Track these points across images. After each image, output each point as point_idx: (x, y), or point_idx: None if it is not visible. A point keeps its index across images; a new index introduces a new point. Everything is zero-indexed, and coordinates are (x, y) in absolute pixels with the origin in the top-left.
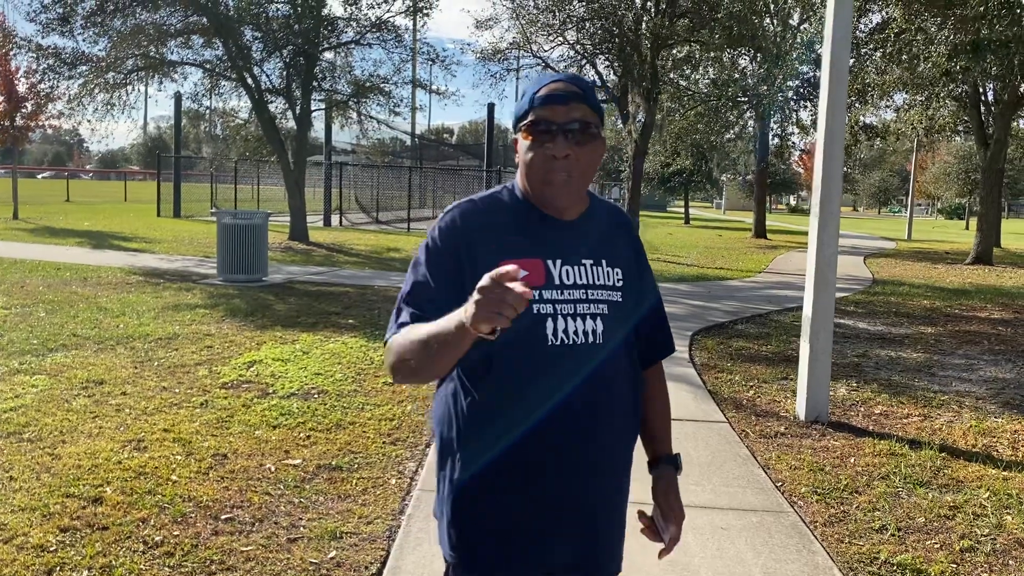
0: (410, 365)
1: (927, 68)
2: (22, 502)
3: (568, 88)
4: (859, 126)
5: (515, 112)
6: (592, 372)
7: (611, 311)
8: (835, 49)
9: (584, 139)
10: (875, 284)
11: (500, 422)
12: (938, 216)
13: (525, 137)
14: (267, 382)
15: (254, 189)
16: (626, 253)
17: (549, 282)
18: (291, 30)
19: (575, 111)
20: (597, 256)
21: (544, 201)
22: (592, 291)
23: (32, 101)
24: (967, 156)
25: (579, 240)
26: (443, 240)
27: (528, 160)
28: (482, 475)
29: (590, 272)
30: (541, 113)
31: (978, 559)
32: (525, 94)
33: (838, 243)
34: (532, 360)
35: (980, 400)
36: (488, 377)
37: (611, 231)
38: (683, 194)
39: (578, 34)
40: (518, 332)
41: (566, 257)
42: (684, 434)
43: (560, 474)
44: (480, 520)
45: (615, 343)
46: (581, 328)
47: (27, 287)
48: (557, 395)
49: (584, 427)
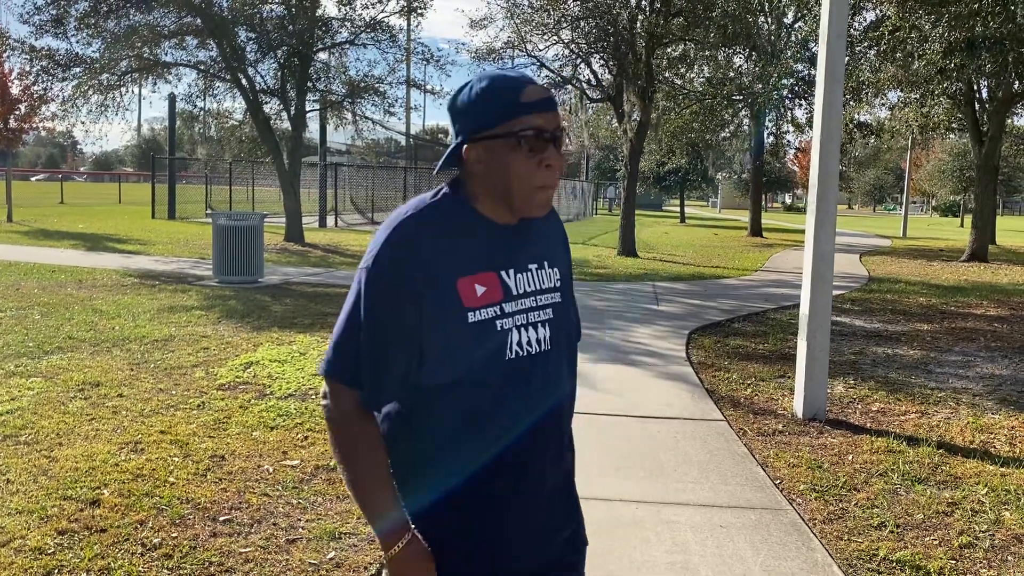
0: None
1: (921, 66)
2: (19, 505)
3: (547, 92)
4: (854, 124)
5: (478, 115)
6: (546, 378)
7: (554, 314)
8: (830, 47)
9: (560, 146)
10: (871, 282)
11: (466, 442)
12: (933, 214)
13: (515, 147)
14: (264, 383)
15: (249, 190)
16: (560, 250)
17: (507, 294)
18: (285, 31)
19: (558, 117)
20: (539, 259)
21: (527, 212)
22: (540, 296)
23: (26, 103)
24: (962, 153)
25: (523, 245)
26: (395, 270)
27: (517, 170)
28: (456, 495)
29: (536, 277)
30: (536, 121)
31: (977, 555)
32: (492, 95)
33: (835, 241)
34: (492, 377)
35: (977, 397)
36: (447, 396)
37: (547, 229)
38: (679, 193)
39: (573, 33)
40: (481, 352)
41: (516, 265)
42: (681, 432)
43: (533, 482)
44: (438, 529)
45: (559, 344)
46: (534, 337)
47: (22, 290)
48: (520, 407)
49: (548, 431)
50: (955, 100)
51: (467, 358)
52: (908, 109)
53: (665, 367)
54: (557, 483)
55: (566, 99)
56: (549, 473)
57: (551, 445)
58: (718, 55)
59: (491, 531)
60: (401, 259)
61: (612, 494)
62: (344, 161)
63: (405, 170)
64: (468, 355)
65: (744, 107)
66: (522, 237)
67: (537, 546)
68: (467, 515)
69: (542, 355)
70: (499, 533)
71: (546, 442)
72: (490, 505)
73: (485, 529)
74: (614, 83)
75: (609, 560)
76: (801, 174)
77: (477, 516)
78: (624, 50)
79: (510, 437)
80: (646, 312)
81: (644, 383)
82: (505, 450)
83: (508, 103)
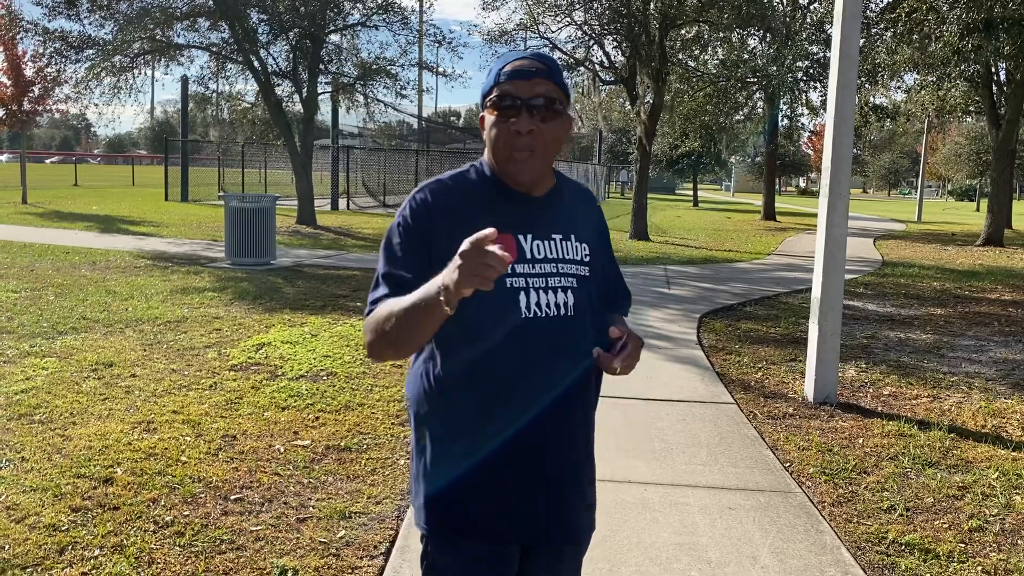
0: (389, 337)
1: (938, 48)
2: (34, 483)
3: (533, 64)
4: (869, 107)
5: (482, 89)
6: (565, 343)
7: (580, 284)
8: (845, 28)
9: (549, 115)
10: (885, 266)
11: (476, 395)
12: (948, 198)
13: (491, 112)
14: (276, 364)
15: (261, 173)
16: (593, 231)
17: (521, 256)
18: (297, 12)
19: (539, 86)
20: (566, 231)
21: (509, 176)
22: (562, 264)
23: (39, 85)
24: (978, 137)
25: (548, 215)
26: (415, 220)
27: (493, 136)
28: (460, 446)
29: (559, 246)
30: (506, 88)
31: (986, 538)
32: (491, 71)
33: (847, 224)
34: (507, 332)
35: (990, 381)
36: (464, 350)
37: (579, 209)
38: (692, 176)
39: (586, 14)
40: (492, 306)
41: (536, 232)
42: (691, 415)
43: (536, 443)
44: (458, 489)
45: (584, 316)
46: (553, 300)
47: (36, 271)
48: (532, 366)
49: (557, 397)
50: (972, 82)
51: (473, 309)
52: (924, 92)
53: (676, 350)
54: (575, 442)
55: (579, 81)
56: (541, 440)
57: (571, 399)
58: (732, 36)
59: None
60: (420, 212)
61: (621, 476)
62: (356, 144)
63: (417, 153)
64: (474, 306)
65: (758, 89)
66: (546, 208)
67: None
68: (479, 468)
69: (563, 319)
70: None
71: (549, 403)
72: (492, 454)
73: (497, 487)
74: (627, 65)
75: (618, 541)
76: (815, 158)
77: (491, 470)
78: (637, 31)
79: (509, 392)
80: (657, 296)
81: (654, 366)
82: (518, 399)
83: (494, 75)
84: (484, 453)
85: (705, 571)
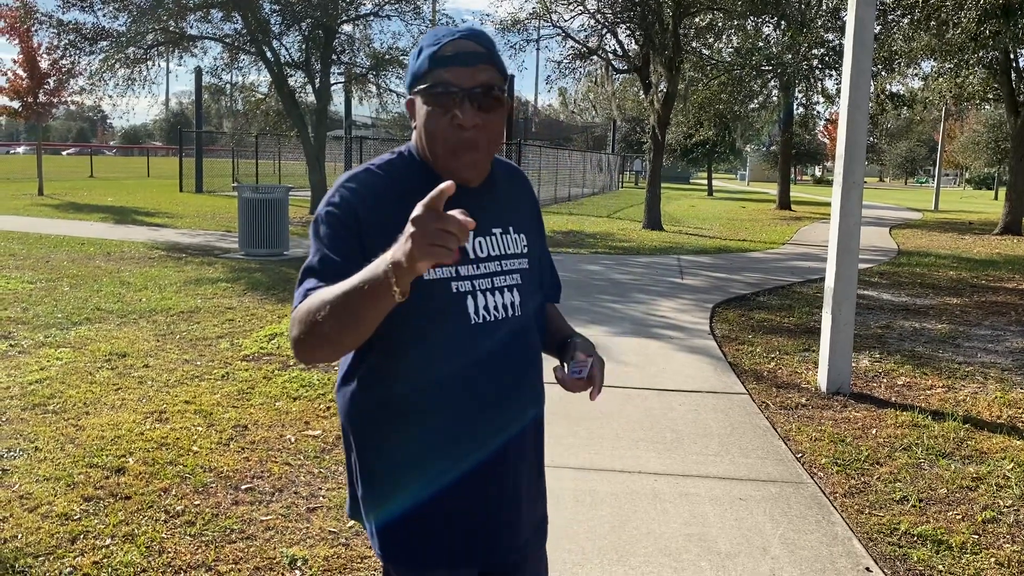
0: (321, 331)
1: (956, 34)
2: (47, 472)
3: (474, 48)
4: (885, 95)
5: (411, 70)
6: (517, 345)
7: (523, 280)
8: (860, 14)
9: (491, 105)
10: (900, 255)
11: (431, 412)
12: (966, 186)
13: (425, 102)
14: (288, 355)
15: (275, 164)
16: (528, 216)
17: (464, 257)
18: (309, 3)
19: (481, 74)
20: (504, 224)
21: (450, 173)
22: (505, 261)
23: (54, 77)
24: (997, 125)
25: (486, 208)
26: (343, 210)
27: (431, 129)
28: (416, 470)
29: (500, 242)
30: (444, 76)
31: (1000, 530)
32: (420, 50)
33: (861, 212)
34: (456, 342)
35: (1006, 371)
36: (410, 363)
37: (512, 194)
38: (706, 165)
39: (599, 2)
40: (439, 314)
41: (477, 228)
42: (703, 405)
43: (498, 458)
44: (419, 517)
45: (530, 314)
46: (500, 302)
47: (52, 262)
48: (488, 375)
49: (515, 402)
50: (991, 69)
51: (420, 317)
52: (942, 79)
53: (688, 340)
54: (534, 446)
55: (592, 70)
56: (501, 449)
57: (526, 406)
58: (746, 24)
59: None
60: (348, 202)
61: (632, 466)
62: (369, 135)
63: None
64: (421, 314)
65: (773, 77)
66: (483, 200)
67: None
68: (441, 492)
69: (511, 321)
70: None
71: (522, 405)
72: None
73: (460, 509)
74: (640, 53)
75: (628, 532)
76: (831, 146)
77: (454, 492)
78: (651, 19)
79: (483, 399)
80: (670, 285)
81: (666, 356)
82: (476, 413)
83: (426, 58)
84: (446, 477)
85: (715, 562)
